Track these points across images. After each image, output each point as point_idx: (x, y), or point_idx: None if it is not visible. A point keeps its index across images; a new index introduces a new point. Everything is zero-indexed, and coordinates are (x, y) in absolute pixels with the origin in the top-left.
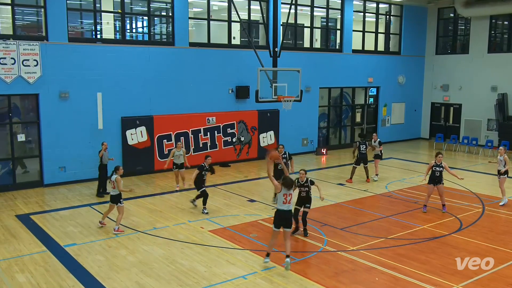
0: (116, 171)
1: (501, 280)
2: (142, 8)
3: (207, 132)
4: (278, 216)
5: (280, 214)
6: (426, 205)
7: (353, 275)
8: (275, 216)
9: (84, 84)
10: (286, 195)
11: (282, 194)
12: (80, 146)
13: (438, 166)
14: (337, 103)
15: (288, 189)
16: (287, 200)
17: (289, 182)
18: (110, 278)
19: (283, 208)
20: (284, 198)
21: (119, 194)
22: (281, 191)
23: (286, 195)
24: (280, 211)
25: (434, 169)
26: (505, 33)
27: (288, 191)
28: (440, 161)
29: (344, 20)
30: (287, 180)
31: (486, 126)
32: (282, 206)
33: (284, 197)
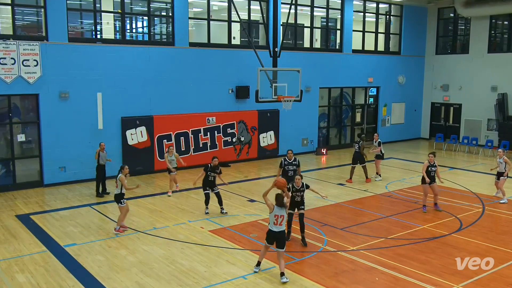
0: (121, 170)
1: (501, 280)
2: (142, 8)
3: (207, 132)
4: (270, 237)
5: (272, 234)
6: (426, 205)
7: (353, 275)
8: (267, 235)
9: (84, 84)
10: (277, 216)
11: (273, 215)
12: (80, 146)
13: (432, 166)
14: (337, 103)
15: (280, 209)
16: (278, 222)
17: (281, 201)
18: (110, 278)
19: (274, 229)
20: (275, 219)
21: (121, 194)
22: (273, 211)
23: (278, 216)
24: (271, 231)
25: (429, 169)
26: (505, 33)
27: (280, 212)
28: (433, 161)
29: (344, 20)
30: (280, 199)
31: (486, 126)
32: (273, 227)
33: (275, 218)
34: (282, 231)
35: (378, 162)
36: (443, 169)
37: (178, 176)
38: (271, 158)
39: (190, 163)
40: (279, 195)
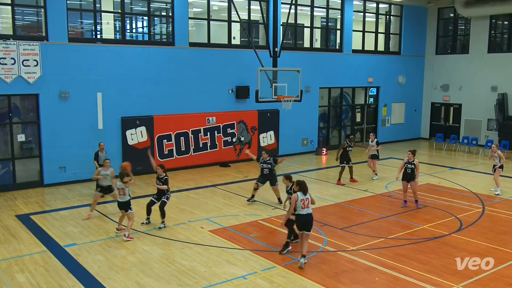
0: (121, 179)
1: (501, 280)
2: (142, 8)
3: (207, 132)
4: (300, 222)
5: (301, 219)
6: (406, 200)
7: (353, 275)
8: (297, 222)
9: (84, 84)
10: (303, 200)
11: (299, 200)
12: (80, 146)
13: (409, 163)
14: (337, 103)
15: (303, 194)
16: (305, 205)
17: (304, 187)
18: (110, 278)
19: (303, 212)
20: (302, 203)
21: (128, 201)
22: (297, 200)
23: (304, 200)
24: (300, 215)
25: (406, 166)
26: (505, 33)
27: (304, 196)
28: (412, 159)
29: (344, 20)
30: (302, 185)
31: (486, 126)
32: (301, 211)
33: (302, 202)
34: (310, 214)
35: (374, 162)
36: (443, 169)
37: (179, 176)
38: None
39: (190, 163)
40: (300, 182)
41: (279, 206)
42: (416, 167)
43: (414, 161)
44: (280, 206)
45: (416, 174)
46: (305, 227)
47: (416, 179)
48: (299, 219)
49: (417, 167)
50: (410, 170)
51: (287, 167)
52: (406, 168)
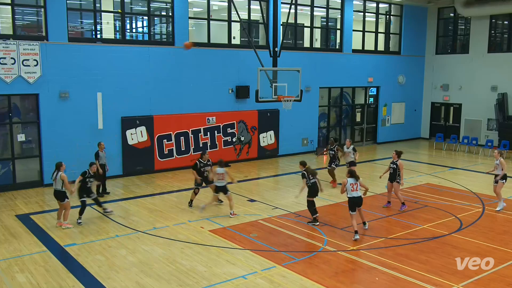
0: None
1: (501, 280)
2: (142, 8)
3: (207, 132)
4: (353, 203)
5: (353, 200)
6: (390, 201)
7: (353, 275)
8: (350, 204)
9: (84, 84)
10: (352, 184)
11: (349, 184)
12: (80, 146)
13: (392, 163)
14: (337, 103)
15: (353, 179)
16: (355, 188)
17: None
18: (110, 278)
19: (354, 195)
20: (351, 187)
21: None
22: (347, 184)
23: (353, 184)
24: (353, 198)
25: (390, 166)
26: (505, 33)
27: (354, 181)
28: (395, 159)
29: (344, 20)
30: (352, 173)
31: (486, 126)
32: (352, 194)
33: (351, 186)
34: (360, 196)
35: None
36: (443, 169)
37: (179, 176)
38: (271, 158)
39: (190, 163)
40: (351, 170)
41: (279, 206)
42: (399, 168)
43: (397, 162)
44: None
45: (399, 175)
46: (356, 206)
47: (399, 181)
48: (351, 200)
49: (400, 168)
50: (392, 170)
51: (287, 166)
52: (390, 168)
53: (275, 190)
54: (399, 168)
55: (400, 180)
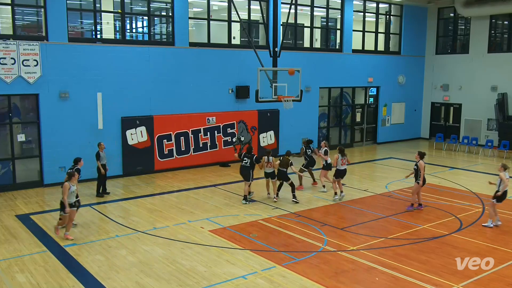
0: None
1: (501, 280)
2: (142, 8)
3: (207, 132)
4: (339, 173)
5: (341, 171)
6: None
7: (353, 275)
8: (337, 172)
9: (84, 84)
10: (342, 160)
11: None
12: (80, 146)
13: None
14: (337, 103)
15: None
16: (344, 162)
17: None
18: (110, 278)
19: (341, 168)
20: (341, 161)
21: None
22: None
23: (342, 159)
24: (340, 169)
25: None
26: (505, 33)
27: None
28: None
29: (344, 20)
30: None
31: (486, 126)
32: (341, 167)
33: (341, 161)
34: (345, 169)
35: (323, 173)
36: (443, 169)
37: (179, 176)
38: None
39: (190, 163)
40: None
41: (279, 206)
42: (419, 168)
43: (419, 162)
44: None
45: (419, 175)
46: (340, 176)
47: (418, 181)
48: (338, 171)
49: (420, 168)
50: (414, 171)
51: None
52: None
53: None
54: (420, 169)
55: (419, 181)
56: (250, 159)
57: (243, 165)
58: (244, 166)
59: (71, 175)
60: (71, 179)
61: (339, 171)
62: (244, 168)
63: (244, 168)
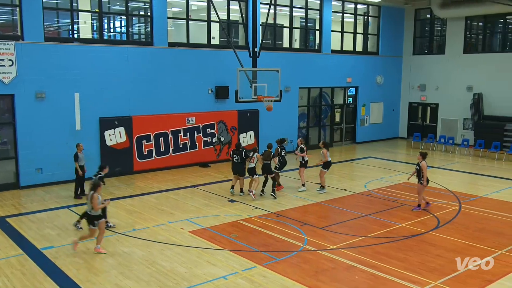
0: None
1: (478, 276)
2: (120, 7)
3: (187, 132)
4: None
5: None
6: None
7: (333, 273)
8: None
9: (61, 84)
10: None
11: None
12: (57, 147)
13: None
14: (316, 103)
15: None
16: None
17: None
18: (89, 281)
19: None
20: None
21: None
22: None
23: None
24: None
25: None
26: (480, 34)
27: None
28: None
29: (323, 21)
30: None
31: (462, 125)
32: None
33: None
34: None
35: (301, 171)
36: None
37: (159, 176)
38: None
39: (169, 164)
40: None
41: (259, 206)
42: (421, 169)
43: (421, 163)
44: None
45: (422, 176)
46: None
47: (421, 182)
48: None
49: (422, 168)
50: (417, 172)
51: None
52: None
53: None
54: (422, 169)
55: (423, 181)
56: (239, 155)
57: (234, 162)
58: (235, 163)
59: (97, 185)
60: (97, 189)
61: (329, 162)
62: (236, 164)
63: (236, 165)
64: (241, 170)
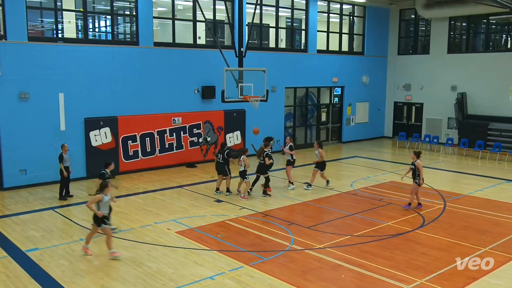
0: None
1: (462, 274)
2: (105, 7)
3: (173, 132)
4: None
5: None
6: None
7: (320, 273)
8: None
9: (45, 84)
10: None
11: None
12: (41, 148)
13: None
14: (302, 103)
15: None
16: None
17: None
18: (75, 283)
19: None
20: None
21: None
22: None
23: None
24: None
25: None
26: (463, 34)
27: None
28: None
29: (308, 21)
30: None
31: (447, 124)
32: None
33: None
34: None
35: (288, 169)
36: (406, 167)
37: (145, 177)
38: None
39: (156, 164)
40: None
41: (246, 206)
42: (418, 168)
43: (416, 162)
44: (244, 205)
45: (418, 175)
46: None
47: (418, 181)
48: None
49: (418, 167)
50: (411, 171)
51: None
52: (410, 169)
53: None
54: (418, 168)
55: (418, 181)
56: (222, 154)
57: (217, 161)
58: (218, 162)
59: (104, 186)
60: (104, 190)
61: (323, 162)
62: (218, 164)
63: (218, 164)
64: (223, 169)
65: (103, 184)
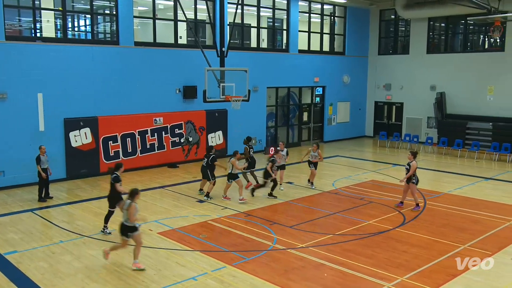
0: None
1: (442, 271)
2: (85, 6)
3: (154, 132)
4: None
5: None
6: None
7: (302, 272)
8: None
9: (23, 84)
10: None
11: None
12: (20, 149)
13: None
14: (284, 103)
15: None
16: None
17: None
18: (55, 285)
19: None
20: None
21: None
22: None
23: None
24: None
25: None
26: (442, 35)
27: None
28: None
29: (290, 21)
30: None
31: (426, 123)
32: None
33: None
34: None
35: (282, 173)
36: (387, 166)
37: (126, 178)
38: (219, 158)
39: (137, 165)
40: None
41: (228, 206)
42: (411, 169)
43: (411, 163)
44: (227, 205)
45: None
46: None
47: (413, 181)
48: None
49: (411, 168)
50: (406, 172)
51: None
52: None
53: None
54: (411, 168)
55: (416, 180)
56: (207, 158)
57: (202, 164)
58: (202, 166)
59: (134, 193)
60: (135, 197)
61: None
62: (202, 167)
63: (202, 168)
64: (206, 174)
65: (134, 191)
